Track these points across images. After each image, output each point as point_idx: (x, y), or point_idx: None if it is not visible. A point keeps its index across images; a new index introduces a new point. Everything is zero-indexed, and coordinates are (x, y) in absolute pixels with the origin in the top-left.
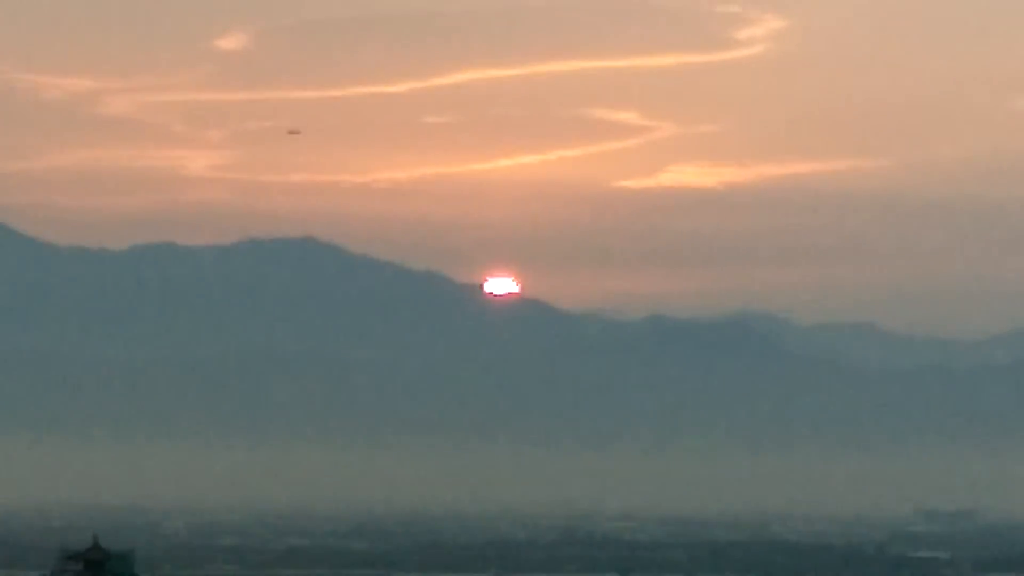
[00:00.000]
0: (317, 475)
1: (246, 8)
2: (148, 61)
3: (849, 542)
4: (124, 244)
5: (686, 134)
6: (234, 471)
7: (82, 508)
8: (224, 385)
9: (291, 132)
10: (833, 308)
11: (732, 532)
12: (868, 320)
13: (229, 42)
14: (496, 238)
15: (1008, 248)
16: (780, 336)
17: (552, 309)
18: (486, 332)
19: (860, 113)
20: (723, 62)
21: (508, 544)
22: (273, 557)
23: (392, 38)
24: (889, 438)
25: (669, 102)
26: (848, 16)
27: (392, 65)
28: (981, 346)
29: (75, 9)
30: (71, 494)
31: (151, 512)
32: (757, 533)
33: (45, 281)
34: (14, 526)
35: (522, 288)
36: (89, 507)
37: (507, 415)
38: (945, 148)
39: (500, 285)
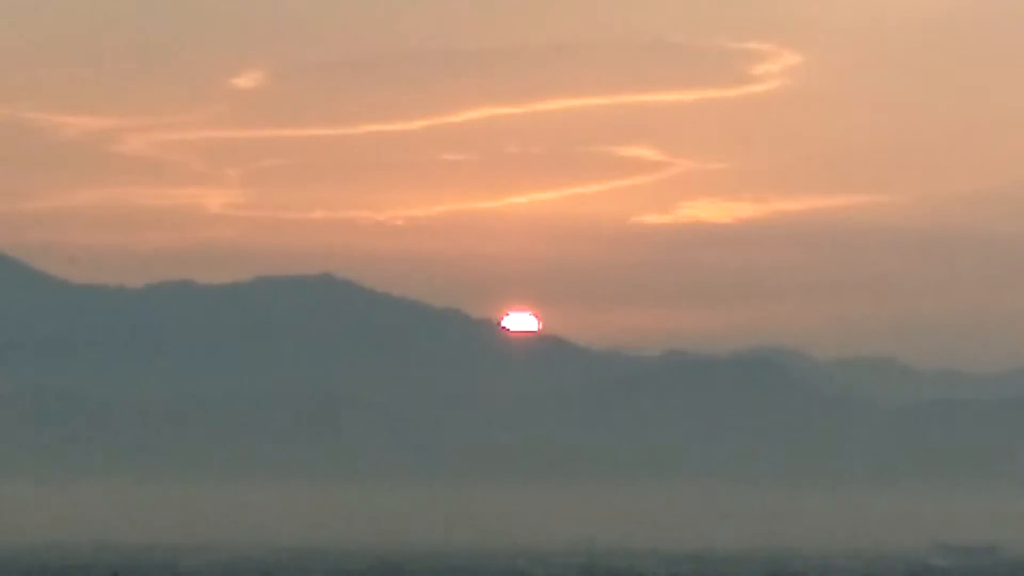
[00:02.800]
0: (335, 513)
1: (262, 47)
2: (165, 100)
3: None
4: (142, 282)
5: (703, 170)
6: (252, 509)
7: (101, 547)
8: (242, 423)
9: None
10: (852, 343)
11: (751, 568)
12: (887, 355)
13: (246, 81)
14: (514, 275)
15: None
16: (799, 371)
17: (570, 345)
18: (505, 368)
19: (877, 148)
20: (739, 98)
21: None
22: None
23: (408, 76)
24: (908, 472)
25: (685, 138)
26: (864, 51)
27: (408, 103)
28: (1002, 379)
29: (92, 48)
30: (90, 533)
31: (170, 550)
32: (775, 568)
33: (63, 319)
34: (34, 565)
35: (541, 325)
36: (108, 545)
37: (525, 452)
38: (963, 183)
39: (519, 321)
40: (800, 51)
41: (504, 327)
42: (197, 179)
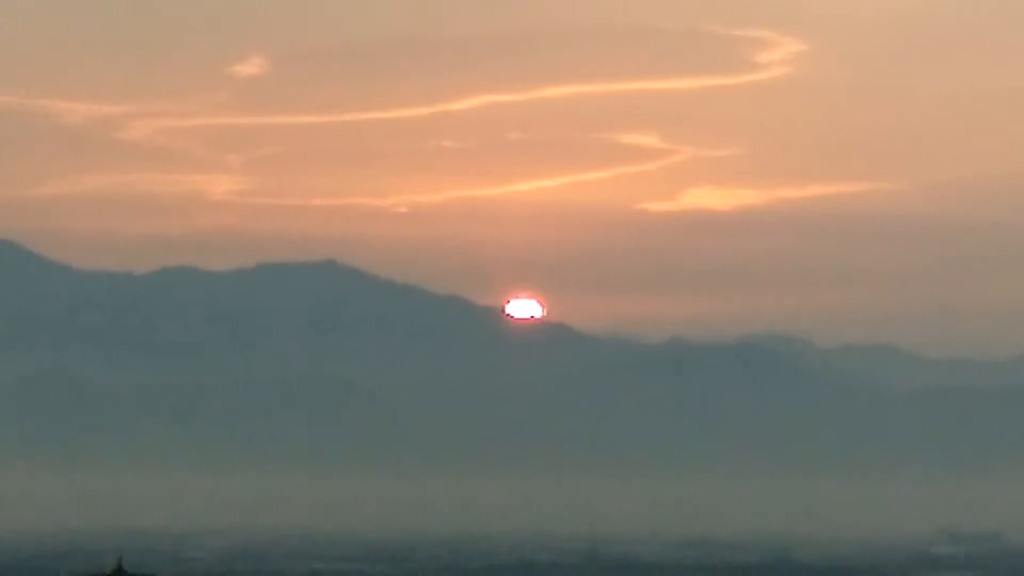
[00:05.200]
0: (338, 499)
1: (264, 34)
2: (168, 87)
3: (871, 564)
4: (147, 268)
5: (706, 157)
6: (255, 495)
7: (106, 532)
8: (246, 409)
9: None
10: (854, 330)
11: (754, 554)
12: (891, 342)
13: (248, 68)
14: (518, 261)
15: None
16: (801, 358)
17: (574, 332)
18: (509, 355)
19: (879, 136)
20: (743, 85)
21: (531, 567)
22: None
23: (410, 63)
24: (912, 459)
25: (689, 125)
26: (867, 40)
27: (410, 89)
28: (1003, 366)
29: (94, 35)
30: (94, 518)
31: (174, 536)
32: (779, 555)
33: (67, 305)
34: (41, 550)
35: (545, 311)
36: (113, 531)
37: (530, 437)
38: (965, 170)
39: (522, 308)
40: (803, 39)
41: (508, 314)
42: (200, 166)
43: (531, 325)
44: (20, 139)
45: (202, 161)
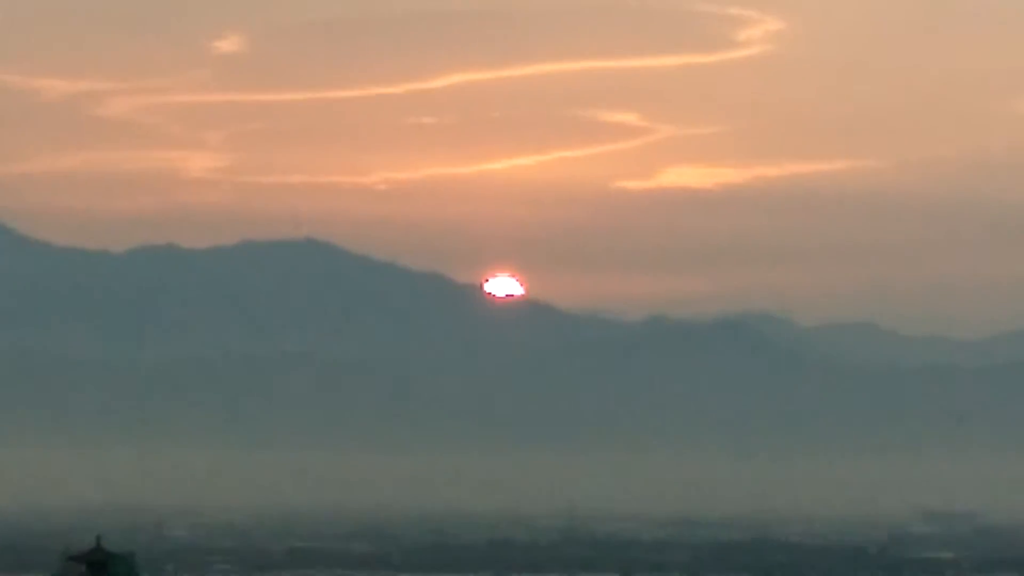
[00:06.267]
0: (318, 477)
1: (243, 11)
2: (146, 63)
3: (851, 543)
4: (125, 246)
5: (685, 135)
6: (235, 473)
7: (84, 510)
8: (225, 387)
9: None
10: (833, 308)
11: (734, 533)
12: (868, 320)
13: (227, 44)
14: (496, 239)
15: (1008, 247)
16: (780, 336)
17: (553, 310)
18: (487, 333)
19: (858, 114)
20: (722, 63)
21: (509, 545)
22: (275, 559)
23: (389, 40)
24: (890, 438)
25: (668, 103)
26: (846, 18)
27: (389, 67)
28: (982, 346)
29: (73, 11)
30: (73, 496)
31: (153, 514)
32: (758, 534)
33: (46, 282)
34: (16, 528)
35: (524, 289)
36: (91, 509)
37: (508, 415)
38: (943, 148)
39: (501, 286)
40: (783, 17)
41: (487, 291)
42: (178, 143)
43: (510, 303)
44: None
45: (180, 138)
